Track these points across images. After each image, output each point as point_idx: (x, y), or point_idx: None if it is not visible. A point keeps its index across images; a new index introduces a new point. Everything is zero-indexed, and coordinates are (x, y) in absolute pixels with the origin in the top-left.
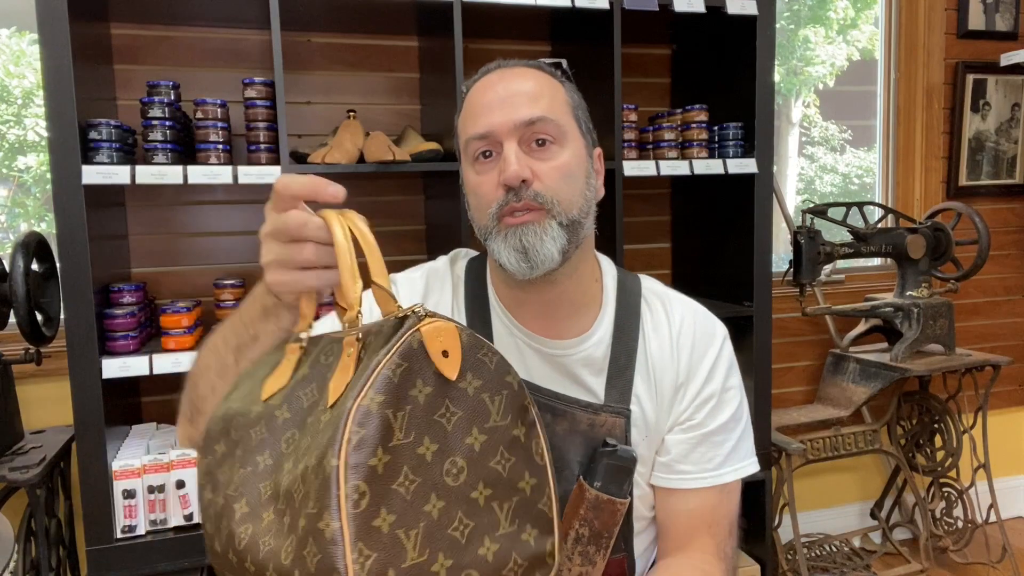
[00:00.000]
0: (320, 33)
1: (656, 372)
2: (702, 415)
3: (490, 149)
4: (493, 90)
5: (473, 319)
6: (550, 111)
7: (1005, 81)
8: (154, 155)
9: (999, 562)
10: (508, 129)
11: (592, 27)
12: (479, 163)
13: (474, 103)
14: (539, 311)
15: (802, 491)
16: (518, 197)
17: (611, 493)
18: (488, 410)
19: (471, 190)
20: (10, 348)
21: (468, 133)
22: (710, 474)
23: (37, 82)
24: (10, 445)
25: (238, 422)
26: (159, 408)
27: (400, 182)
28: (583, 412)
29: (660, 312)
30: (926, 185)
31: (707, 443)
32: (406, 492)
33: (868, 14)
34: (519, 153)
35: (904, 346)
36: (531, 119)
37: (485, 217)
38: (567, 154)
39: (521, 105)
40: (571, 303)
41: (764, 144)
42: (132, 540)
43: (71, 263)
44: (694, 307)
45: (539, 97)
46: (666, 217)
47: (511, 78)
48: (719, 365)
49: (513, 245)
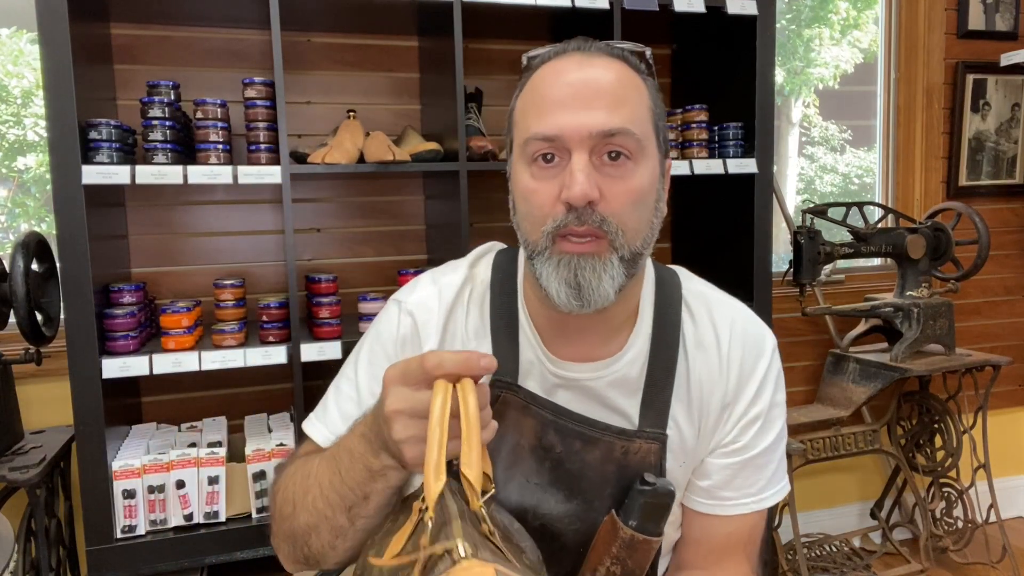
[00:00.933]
0: (320, 33)
1: (700, 391)
2: (748, 437)
3: (553, 153)
4: (568, 81)
5: (502, 338)
6: (632, 121)
7: (1005, 81)
8: (154, 155)
9: (999, 562)
10: (581, 137)
11: (592, 27)
12: (537, 166)
13: (542, 92)
14: (574, 336)
15: (802, 491)
16: (580, 220)
17: (647, 532)
18: None
19: (523, 195)
20: (10, 348)
21: (531, 130)
22: (752, 499)
23: (37, 82)
24: (10, 445)
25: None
26: (159, 408)
27: (400, 182)
28: (616, 439)
29: (705, 322)
30: (926, 185)
31: (751, 467)
32: None
33: (869, 14)
34: (589, 168)
35: (904, 346)
36: (610, 130)
37: (536, 233)
38: (642, 174)
39: (600, 109)
40: (611, 326)
41: (764, 144)
42: (132, 540)
43: (71, 263)
44: (743, 313)
45: (622, 102)
46: (666, 217)
47: (592, 68)
48: (768, 381)
49: (566, 278)
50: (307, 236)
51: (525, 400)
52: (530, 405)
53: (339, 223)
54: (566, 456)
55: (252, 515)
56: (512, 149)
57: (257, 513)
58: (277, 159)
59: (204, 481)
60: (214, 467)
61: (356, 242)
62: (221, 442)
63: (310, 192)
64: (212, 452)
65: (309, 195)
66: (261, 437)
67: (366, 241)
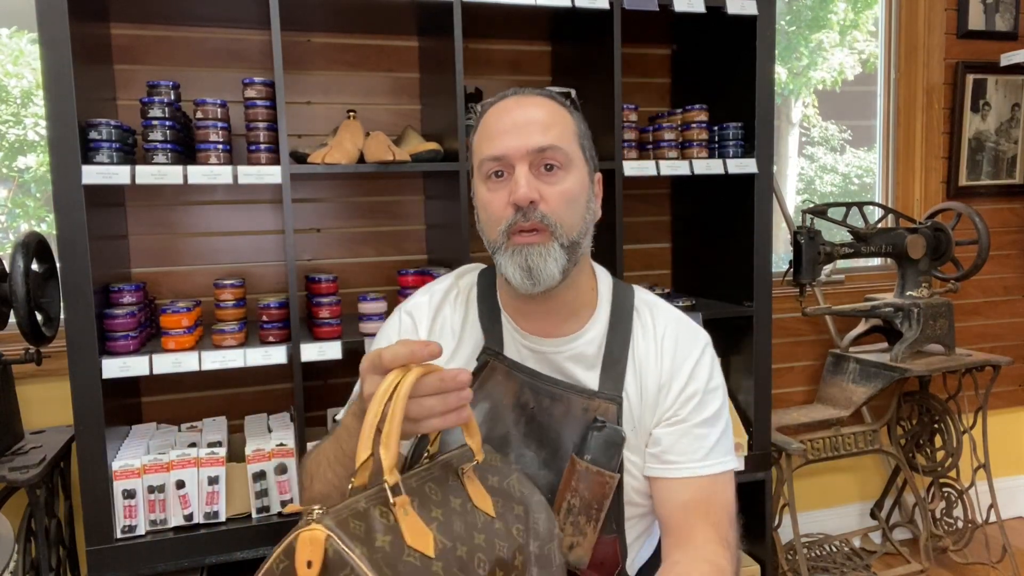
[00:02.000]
0: (320, 33)
1: (642, 371)
2: (686, 411)
3: (502, 170)
4: (509, 115)
5: (487, 322)
6: (559, 140)
7: (1005, 81)
8: (154, 155)
9: (999, 562)
10: (521, 154)
11: (592, 27)
12: (491, 181)
13: (490, 126)
14: (539, 317)
15: (802, 491)
16: (526, 217)
17: (600, 465)
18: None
19: (482, 205)
20: (10, 348)
21: (483, 153)
22: (697, 464)
23: (37, 82)
24: (10, 445)
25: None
26: (159, 408)
27: (400, 182)
28: (579, 397)
29: (648, 318)
30: (926, 185)
31: (691, 435)
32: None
33: (869, 13)
34: (529, 176)
35: (904, 346)
36: (542, 146)
37: (495, 232)
38: (572, 180)
39: (534, 133)
40: (568, 309)
41: (764, 144)
42: (132, 540)
43: (71, 263)
44: (678, 316)
45: (550, 126)
46: (666, 217)
47: (526, 106)
48: (701, 366)
49: (519, 263)
50: (307, 236)
51: (507, 366)
52: (511, 370)
53: (339, 223)
54: (538, 412)
55: (252, 515)
56: (473, 174)
57: (257, 513)
58: (277, 159)
59: (204, 481)
60: (214, 467)
61: (356, 242)
62: (221, 442)
63: (310, 192)
64: (212, 452)
65: (309, 195)
66: (261, 437)
67: (366, 241)
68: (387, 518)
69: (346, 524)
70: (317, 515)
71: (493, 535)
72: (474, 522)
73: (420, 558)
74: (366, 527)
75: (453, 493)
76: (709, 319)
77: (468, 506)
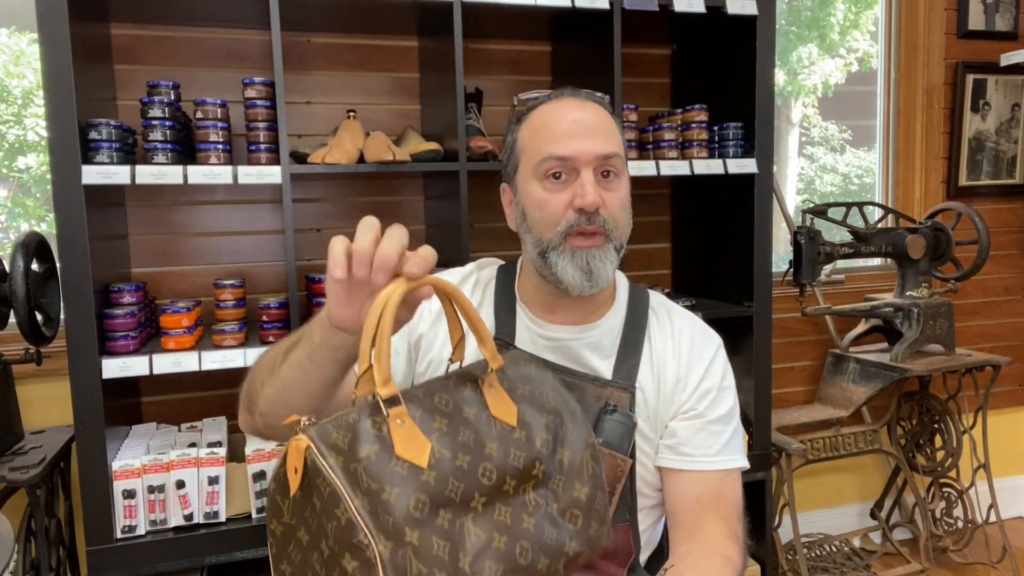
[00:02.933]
0: (320, 33)
1: (661, 363)
2: (703, 405)
3: (562, 171)
4: (571, 117)
5: (502, 315)
6: (619, 148)
7: (1005, 81)
8: (154, 155)
9: (999, 562)
10: (588, 158)
11: (592, 27)
12: (550, 181)
13: (551, 125)
14: (566, 310)
15: (802, 491)
16: (590, 221)
17: (612, 448)
18: (326, 531)
19: (536, 204)
20: (10, 348)
21: (545, 151)
22: (712, 459)
23: (37, 82)
24: (10, 445)
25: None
26: (159, 408)
27: (400, 182)
28: (592, 385)
29: (664, 317)
30: (926, 185)
31: (707, 431)
32: (295, 558)
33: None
34: (594, 182)
35: (904, 346)
36: (607, 154)
37: (551, 232)
38: (625, 187)
39: (599, 138)
40: (594, 303)
41: (764, 144)
42: (132, 540)
43: (71, 263)
44: (693, 317)
45: (611, 134)
46: (666, 217)
47: (588, 109)
48: (716, 364)
49: (580, 265)
50: (307, 236)
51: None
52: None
53: (339, 223)
54: None
55: (252, 515)
56: (517, 171)
57: (257, 513)
58: (277, 159)
59: (204, 481)
60: (214, 467)
61: None
62: (221, 442)
63: (310, 192)
64: (212, 452)
65: (309, 195)
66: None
67: None
68: (379, 429)
69: (328, 435)
70: (303, 425)
71: (509, 444)
72: (488, 432)
73: (409, 468)
74: (352, 438)
75: (467, 403)
76: (709, 319)
77: (484, 416)
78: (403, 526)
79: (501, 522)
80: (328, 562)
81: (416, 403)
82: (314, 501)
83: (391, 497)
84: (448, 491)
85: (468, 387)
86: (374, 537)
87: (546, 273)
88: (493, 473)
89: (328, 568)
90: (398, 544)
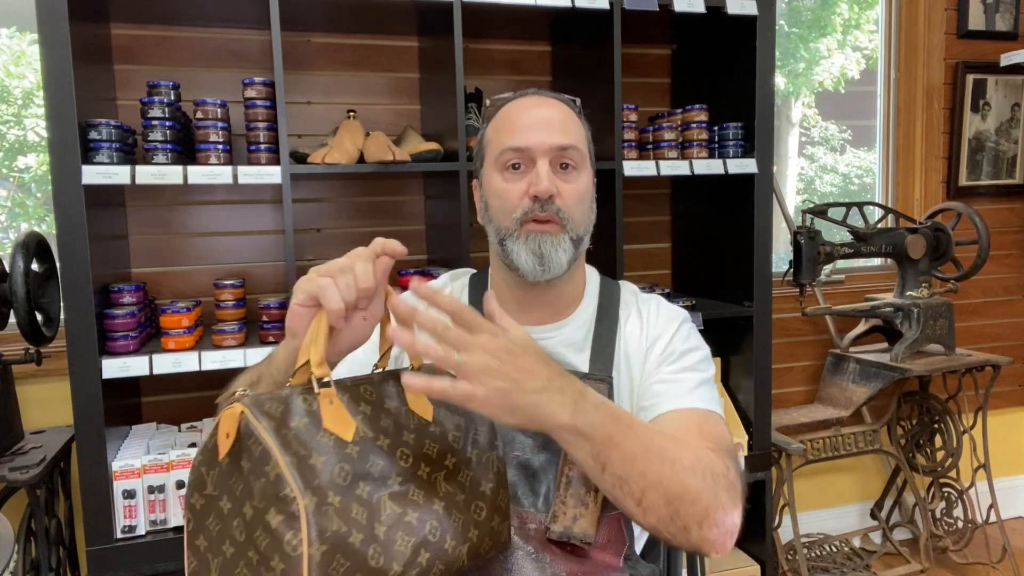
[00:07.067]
0: (320, 33)
1: (633, 348)
2: (668, 365)
3: (521, 162)
4: (532, 112)
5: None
6: (577, 141)
7: (1005, 81)
8: (154, 155)
9: (999, 562)
10: (544, 149)
11: (592, 27)
12: (508, 171)
13: (512, 119)
14: (537, 307)
15: (802, 491)
16: (543, 208)
17: None
18: (253, 491)
19: (495, 193)
20: (10, 348)
21: (505, 144)
22: (683, 398)
23: (37, 82)
24: (10, 445)
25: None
26: (159, 408)
27: (400, 182)
28: None
29: (632, 304)
30: (926, 185)
31: (673, 380)
32: (213, 530)
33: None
34: (549, 171)
35: (904, 346)
36: (563, 145)
37: (508, 220)
38: (584, 180)
39: (556, 131)
40: (563, 300)
41: (764, 144)
42: (132, 540)
43: (71, 263)
44: (660, 299)
45: (570, 127)
46: (666, 217)
47: (548, 105)
48: (680, 332)
49: (532, 249)
50: (307, 236)
51: None
52: None
53: (339, 223)
54: None
55: None
56: (483, 165)
57: None
58: (277, 159)
59: None
60: None
61: (356, 242)
62: None
63: (310, 192)
64: None
65: (309, 195)
66: None
67: (366, 241)
68: (309, 404)
69: (262, 403)
70: (239, 395)
71: (424, 436)
72: (406, 423)
73: (335, 440)
74: (284, 409)
75: (389, 397)
76: (709, 319)
77: (404, 409)
78: (327, 489)
79: (414, 501)
80: (251, 523)
81: (344, 390)
82: (242, 464)
83: (317, 463)
84: (369, 466)
85: (391, 383)
86: (301, 492)
87: (507, 262)
88: (409, 458)
89: (250, 529)
90: (321, 502)
